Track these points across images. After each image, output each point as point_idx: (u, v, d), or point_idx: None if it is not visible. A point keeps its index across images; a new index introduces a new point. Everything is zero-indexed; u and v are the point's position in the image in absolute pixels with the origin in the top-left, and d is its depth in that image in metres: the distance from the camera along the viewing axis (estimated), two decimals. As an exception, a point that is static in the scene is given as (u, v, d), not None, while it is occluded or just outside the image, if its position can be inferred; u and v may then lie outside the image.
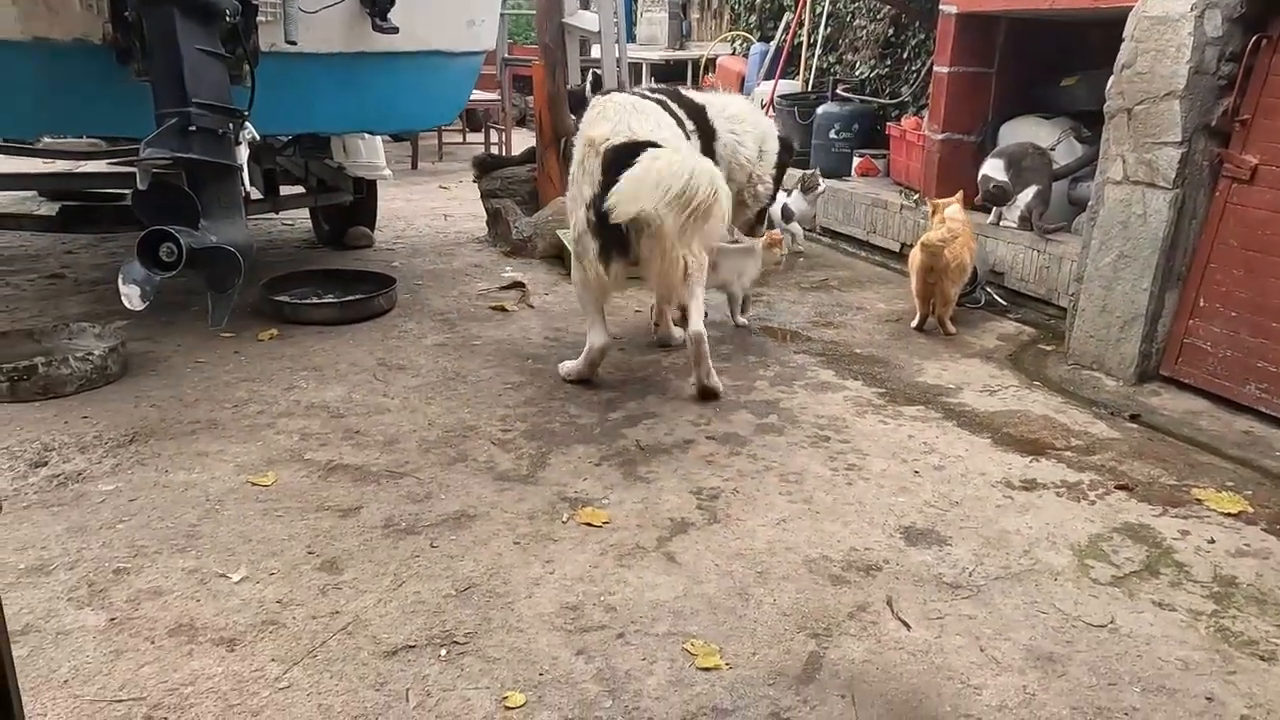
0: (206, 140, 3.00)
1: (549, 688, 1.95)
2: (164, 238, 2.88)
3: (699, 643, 2.10)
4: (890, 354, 4.05)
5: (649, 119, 3.37)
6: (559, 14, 5.55)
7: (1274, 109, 3.27)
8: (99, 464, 2.85)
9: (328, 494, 2.72)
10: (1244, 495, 2.83)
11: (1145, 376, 3.66)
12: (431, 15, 4.05)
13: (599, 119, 3.40)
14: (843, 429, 3.26)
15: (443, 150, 9.80)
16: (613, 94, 3.64)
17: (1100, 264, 3.73)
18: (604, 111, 3.42)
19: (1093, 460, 3.06)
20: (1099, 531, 2.62)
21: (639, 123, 3.33)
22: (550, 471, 2.89)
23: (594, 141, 3.31)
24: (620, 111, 3.37)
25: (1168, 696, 1.97)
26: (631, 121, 3.33)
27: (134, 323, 3.94)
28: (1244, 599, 2.32)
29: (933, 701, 1.94)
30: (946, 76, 5.21)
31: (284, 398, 3.39)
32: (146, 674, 1.95)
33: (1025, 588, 2.34)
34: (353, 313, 4.30)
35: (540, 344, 4.06)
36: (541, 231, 5.53)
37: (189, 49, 2.93)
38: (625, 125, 3.31)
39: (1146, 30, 3.44)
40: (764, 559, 2.44)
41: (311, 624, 2.13)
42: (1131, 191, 3.57)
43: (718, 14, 10.76)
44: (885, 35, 7.46)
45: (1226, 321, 3.43)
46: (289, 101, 3.68)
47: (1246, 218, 3.36)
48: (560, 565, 2.39)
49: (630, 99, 3.49)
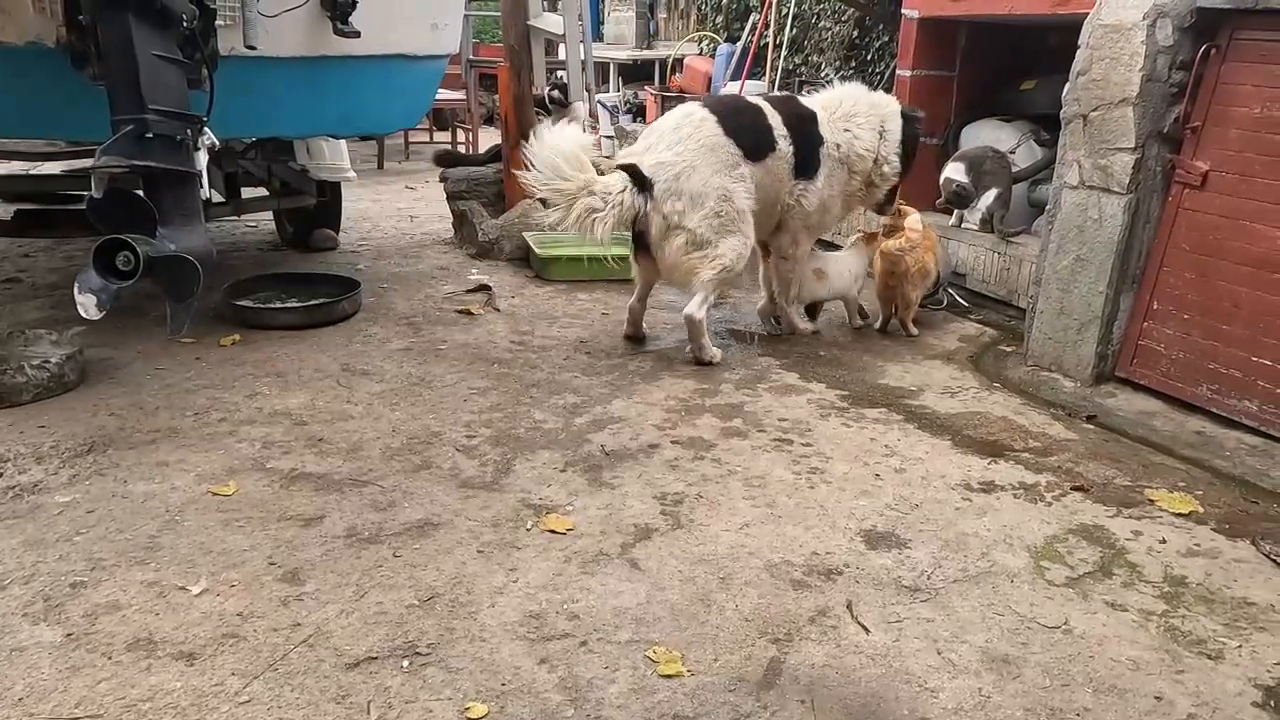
0: (164, 147, 2.97)
1: (511, 698, 1.96)
2: (121, 246, 2.85)
3: (661, 650, 2.11)
4: (853, 356, 4.10)
5: (668, 140, 3.78)
6: (524, 16, 5.54)
7: (1223, 117, 3.35)
8: (56, 475, 2.81)
9: (290, 503, 2.71)
10: (1195, 495, 2.89)
11: (1102, 378, 3.73)
12: (394, 19, 4.03)
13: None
14: (806, 432, 3.29)
15: (409, 149, 9.74)
16: (694, 105, 3.95)
17: (1058, 267, 3.79)
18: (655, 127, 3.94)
19: (1050, 462, 3.11)
20: (1055, 533, 2.67)
21: (657, 145, 3.79)
22: (515, 478, 2.90)
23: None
24: (659, 132, 3.85)
25: (1118, 696, 2.02)
26: (654, 142, 3.81)
27: (92, 329, 3.86)
28: (1193, 598, 2.38)
29: (890, 705, 1.98)
30: (909, 79, 5.27)
31: (246, 405, 3.36)
32: (103, 690, 1.94)
33: (982, 590, 2.39)
34: (317, 317, 4.26)
35: (506, 348, 4.06)
36: (508, 234, 5.53)
37: (145, 54, 2.89)
38: (644, 146, 3.85)
39: (1101, 38, 3.51)
40: (727, 564, 2.46)
41: (272, 636, 2.12)
42: (1088, 196, 3.64)
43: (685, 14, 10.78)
44: (850, 37, 7.53)
45: (1179, 324, 3.50)
46: (249, 106, 3.65)
47: (1198, 222, 3.43)
48: (524, 573, 2.40)
49: (688, 118, 3.84)
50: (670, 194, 3.71)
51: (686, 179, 3.71)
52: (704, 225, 3.74)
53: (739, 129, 3.83)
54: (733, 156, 3.80)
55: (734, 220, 3.80)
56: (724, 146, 3.78)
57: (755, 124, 3.91)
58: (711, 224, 3.75)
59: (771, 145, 3.91)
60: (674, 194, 3.71)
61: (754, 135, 3.87)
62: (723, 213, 3.76)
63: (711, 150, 3.76)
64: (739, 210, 3.81)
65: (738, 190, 3.80)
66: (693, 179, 3.71)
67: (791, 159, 3.97)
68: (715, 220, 3.75)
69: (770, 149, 3.91)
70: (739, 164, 3.81)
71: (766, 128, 3.92)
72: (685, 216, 3.72)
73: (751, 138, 3.86)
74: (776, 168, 3.95)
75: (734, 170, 3.80)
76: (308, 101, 3.93)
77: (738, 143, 3.81)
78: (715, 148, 3.77)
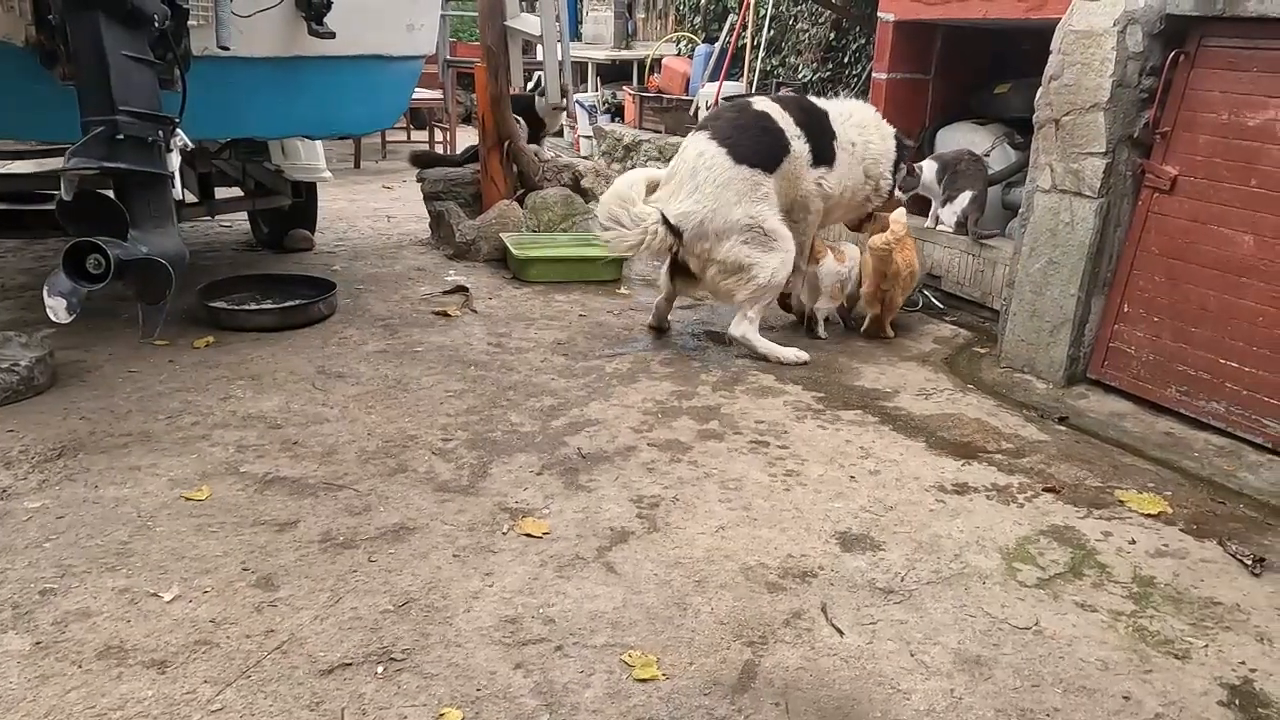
0: (135, 149, 2.93)
1: (486, 703, 1.96)
2: (91, 249, 2.81)
3: (637, 654, 2.12)
4: (830, 357, 4.12)
5: (687, 188, 3.91)
6: (501, 17, 5.53)
7: (1192, 122, 3.40)
8: (25, 480, 2.78)
9: (264, 508, 2.69)
10: (1164, 496, 2.93)
11: (1074, 379, 3.78)
12: (369, 19, 4.01)
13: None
14: (782, 434, 3.31)
15: (386, 149, 9.70)
16: (705, 140, 3.98)
17: (1030, 270, 3.83)
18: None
19: (1022, 463, 3.15)
20: (1026, 534, 2.70)
21: (679, 193, 3.93)
22: (491, 481, 2.89)
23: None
24: (679, 177, 3.95)
25: (1087, 696, 2.05)
26: (675, 188, 3.95)
27: (63, 331, 3.80)
28: (1161, 599, 2.41)
29: (864, 707, 1.99)
30: (885, 82, 5.30)
31: (220, 408, 3.33)
32: (73, 699, 1.92)
33: (955, 591, 2.41)
34: (292, 319, 4.24)
35: (483, 350, 4.05)
36: (486, 235, 5.51)
37: (116, 55, 2.86)
38: (668, 193, 3.99)
39: (1073, 44, 3.55)
40: (702, 567, 2.47)
41: (246, 643, 2.11)
42: (1060, 200, 3.68)
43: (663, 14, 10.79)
44: (827, 39, 7.57)
45: (1149, 326, 3.55)
46: (223, 107, 3.62)
47: (1167, 226, 3.48)
48: (500, 578, 2.39)
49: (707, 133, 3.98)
50: (698, 238, 3.92)
51: (710, 222, 3.88)
52: (733, 254, 3.93)
53: (750, 151, 3.90)
54: (748, 181, 3.89)
55: (764, 240, 3.93)
56: (738, 178, 3.87)
57: (765, 136, 3.96)
58: (739, 252, 3.92)
59: (785, 150, 3.98)
60: (701, 237, 3.92)
61: (766, 149, 3.94)
62: (749, 240, 3.91)
63: (726, 186, 3.86)
64: (769, 230, 3.93)
65: (762, 211, 3.91)
66: (715, 221, 3.88)
67: (808, 155, 4.05)
68: (743, 248, 3.92)
69: (784, 154, 3.98)
70: (759, 184, 3.91)
71: (777, 133, 3.98)
72: (714, 251, 3.94)
73: (765, 153, 3.93)
74: (793, 169, 4.02)
75: (754, 193, 3.90)
76: (282, 103, 3.90)
77: (751, 164, 3.89)
78: (729, 183, 3.86)
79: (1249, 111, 3.22)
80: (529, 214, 5.69)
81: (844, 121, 4.19)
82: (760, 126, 3.99)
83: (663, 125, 8.88)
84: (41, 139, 4.31)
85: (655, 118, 9.03)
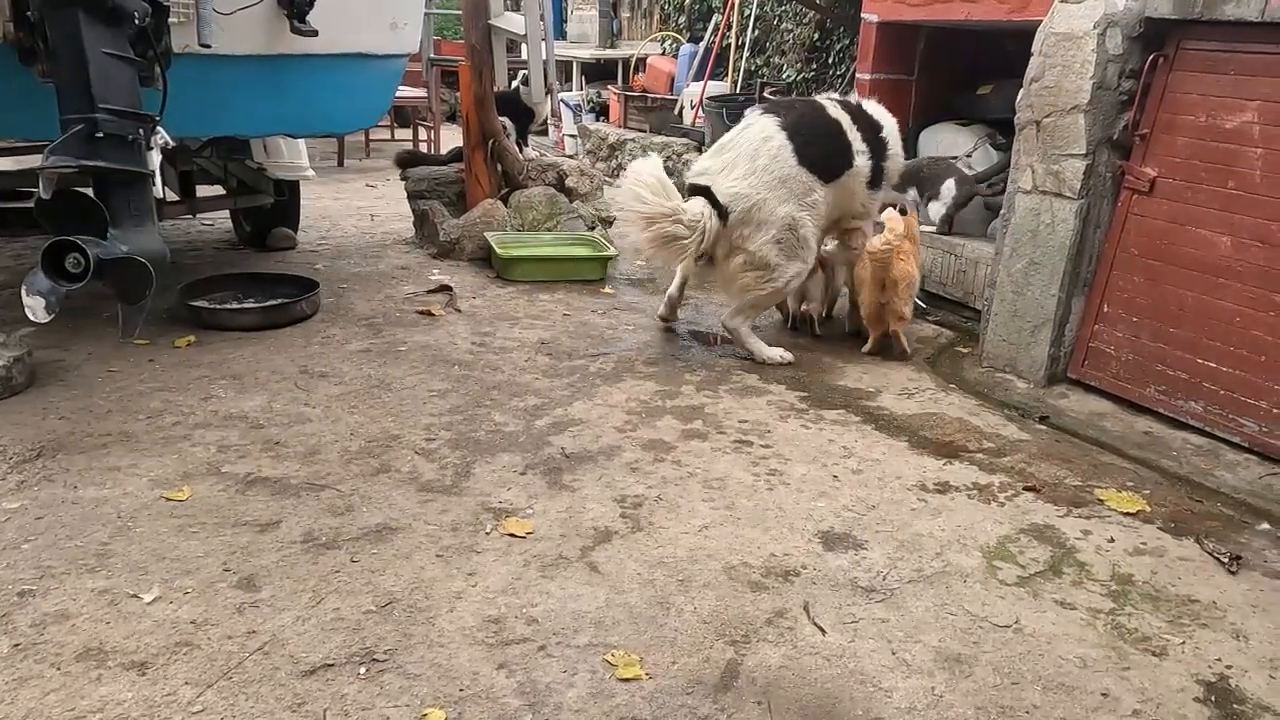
0: (115, 146, 2.92)
1: (469, 703, 1.96)
2: (70, 247, 2.79)
3: (620, 653, 2.12)
4: (814, 356, 4.14)
5: (744, 168, 3.85)
6: (485, 16, 5.52)
7: (1170, 124, 3.43)
8: (3, 481, 2.75)
9: (246, 508, 2.67)
10: (1142, 495, 2.96)
11: (1054, 379, 3.81)
12: (352, 17, 3.99)
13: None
14: (766, 434, 3.32)
15: (370, 147, 9.65)
16: (773, 126, 3.93)
17: (1012, 270, 3.86)
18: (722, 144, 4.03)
19: (1003, 462, 3.17)
20: (1007, 533, 2.72)
21: (733, 169, 3.88)
22: (474, 481, 2.89)
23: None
24: (736, 152, 3.90)
25: (1066, 694, 2.06)
26: (729, 163, 3.90)
27: (42, 330, 3.78)
28: (1139, 596, 2.44)
29: (845, 705, 2.00)
30: (869, 83, 5.33)
31: (201, 408, 3.31)
32: (52, 701, 1.90)
33: (936, 590, 2.42)
34: (274, 318, 4.21)
35: (467, 349, 4.04)
36: (470, 234, 5.50)
37: (95, 52, 2.84)
38: (720, 164, 3.93)
39: (1053, 46, 3.57)
40: (686, 567, 2.48)
41: (227, 644, 2.10)
42: (1040, 201, 3.71)
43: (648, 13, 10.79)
44: (811, 40, 7.59)
45: (1128, 326, 3.58)
46: (204, 105, 3.60)
47: (1146, 227, 3.51)
48: (483, 578, 2.39)
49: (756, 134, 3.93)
50: (742, 223, 3.88)
51: (758, 210, 3.85)
52: (764, 249, 3.89)
53: (816, 155, 3.88)
54: (804, 185, 3.87)
55: (795, 247, 3.92)
56: (796, 177, 3.85)
57: (833, 146, 3.94)
58: (771, 249, 3.89)
59: (849, 164, 3.96)
60: (745, 222, 3.88)
61: (831, 158, 3.92)
62: (783, 240, 3.89)
63: (783, 182, 3.84)
64: (802, 238, 3.92)
65: (804, 219, 3.90)
66: (762, 210, 3.86)
67: (869, 174, 4.03)
68: (775, 246, 3.89)
69: (847, 168, 3.96)
70: (811, 190, 3.89)
71: (845, 147, 3.96)
72: (749, 240, 3.89)
73: (828, 162, 3.91)
74: (852, 184, 4.01)
75: (805, 198, 3.88)
76: (264, 101, 3.88)
77: (812, 170, 3.87)
78: (787, 179, 3.84)
79: (1226, 114, 3.25)
80: (513, 213, 5.68)
81: (891, 133, 4.15)
82: (832, 135, 3.95)
83: (647, 125, 8.89)
84: (20, 137, 4.26)
85: (640, 117, 9.04)
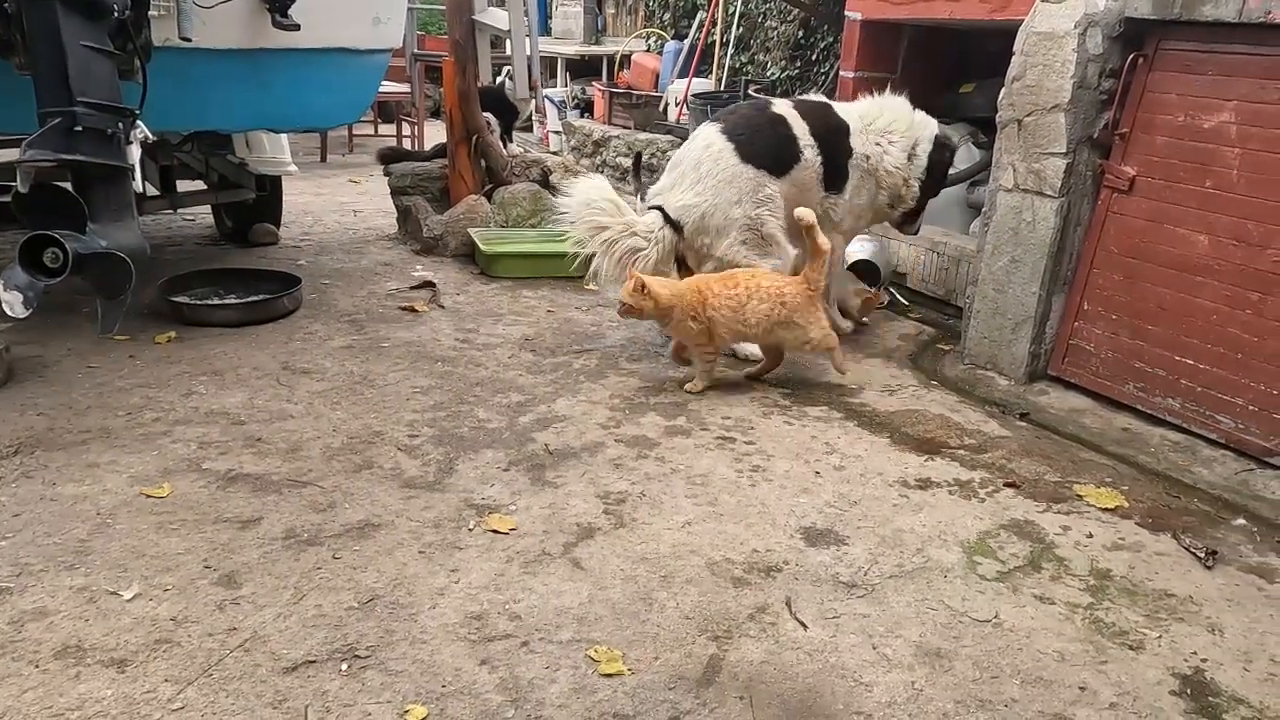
0: (94, 141, 2.89)
1: (451, 700, 1.96)
2: (49, 242, 2.77)
3: (602, 649, 2.13)
4: (798, 353, 4.14)
5: (689, 179, 3.88)
6: (469, 11, 5.50)
7: (1150, 124, 3.46)
8: (-20, 477, 2.73)
9: (226, 505, 2.66)
10: (1121, 490, 2.99)
11: (1035, 376, 3.84)
12: (335, 12, 3.97)
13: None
14: (749, 430, 3.33)
15: (353, 142, 9.61)
16: (714, 132, 3.93)
17: (993, 268, 3.88)
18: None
19: (984, 459, 3.20)
20: (987, 529, 2.74)
21: (680, 183, 3.92)
22: (457, 478, 2.89)
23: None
24: (681, 169, 3.93)
25: (1045, 688, 2.09)
26: (677, 179, 3.94)
27: (20, 325, 3.75)
28: (1117, 591, 2.46)
29: (826, 700, 2.02)
30: (852, 80, 5.35)
31: (181, 404, 3.29)
32: (30, 700, 1.89)
33: (917, 585, 2.44)
34: (256, 314, 4.19)
35: (451, 346, 4.03)
36: (453, 230, 5.48)
37: (74, 45, 2.81)
38: (669, 183, 3.98)
39: (1034, 45, 3.60)
40: (669, 563, 2.48)
41: (207, 641, 2.09)
42: (1022, 199, 3.73)
43: (633, 10, 10.78)
44: (795, 37, 7.61)
45: (1108, 324, 3.61)
46: (184, 99, 3.57)
47: (1126, 226, 3.55)
48: (465, 574, 2.39)
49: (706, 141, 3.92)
50: (698, 232, 3.90)
51: (710, 217, 3.86)
52: (731, 251, 3.90)
53: (759, 151, 3.85)
54: (753, 181, 3.85)
55: (761, 244, 3.92)
56: (742, 175, 3.83)
57: (777, 139, 3.92)
58: (739, 251, 3.89)
59: (796, 157, 3.93)
60: (701, 231, 3.90)
61: (776, 151, 3.90)
62: (748, 240, 3.90)
63: (730, 183, 3.83)
64: (768, 235, 3.91)
65: (763, 215, 3.88)
66: (715, 216, 3.85)
67: (820, 169, 4.00)
68: (743, 248, 3.90)
69: (795, 161, 3.93)
70: (763, 186, 3.87)
71: (790, 139, 3.93)
72: (714, 247, 3.92)
73: (773, 155, 3.89)
74: (803, 178, 3.98)
75: (757, 194, 3.86)
76: (245, 95, 3.85)
77: (758, 165, 3.84)
78: (734, 179, 3.83)
79: (1204, 114, 3.29)
80: (497, 209, 5.67)
81: (865, 128, 4.12)
82: (775, 129, 3.92)
83: (632, 121, 8.88)
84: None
85: (625, 114, 9.03)
